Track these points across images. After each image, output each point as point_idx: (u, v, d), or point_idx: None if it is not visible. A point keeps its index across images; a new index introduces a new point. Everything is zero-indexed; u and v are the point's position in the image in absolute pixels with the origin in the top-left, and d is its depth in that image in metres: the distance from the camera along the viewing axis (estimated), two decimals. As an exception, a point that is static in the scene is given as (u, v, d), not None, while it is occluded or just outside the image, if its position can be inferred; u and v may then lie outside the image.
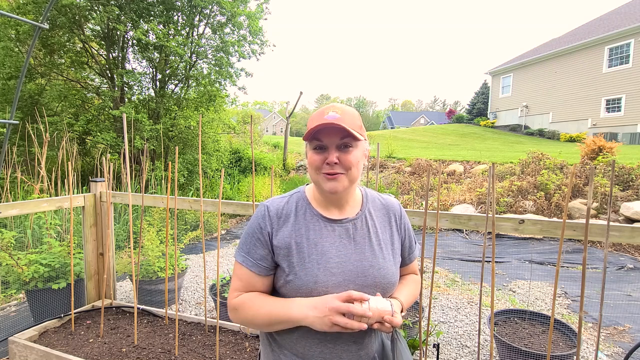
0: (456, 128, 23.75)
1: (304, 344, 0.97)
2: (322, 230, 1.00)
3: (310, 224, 1.01)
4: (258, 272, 0.99)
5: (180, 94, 8.96)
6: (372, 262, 1.00)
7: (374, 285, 0.98)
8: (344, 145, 0.96)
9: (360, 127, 0.99)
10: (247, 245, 1.01)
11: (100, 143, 7.65)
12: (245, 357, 2.28)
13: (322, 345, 0.97)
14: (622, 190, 6.83)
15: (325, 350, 0.97)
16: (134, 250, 3.67)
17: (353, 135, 0.94)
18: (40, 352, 2.23)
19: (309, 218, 1.02)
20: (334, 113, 0.95)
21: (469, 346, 3.00)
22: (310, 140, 0.98)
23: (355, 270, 0.98)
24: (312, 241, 0.98)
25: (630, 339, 3.19)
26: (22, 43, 7.27)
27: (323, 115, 0.96)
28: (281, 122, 59.55)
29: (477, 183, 8.60)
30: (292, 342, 0.99)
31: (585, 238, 1.56)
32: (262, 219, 1.00)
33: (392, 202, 1.14)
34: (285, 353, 1.00)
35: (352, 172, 0.97)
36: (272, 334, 1.03)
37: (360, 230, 1.03)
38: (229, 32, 8.87)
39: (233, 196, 9.63)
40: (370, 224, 1.05)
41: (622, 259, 5.31)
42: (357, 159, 0.98)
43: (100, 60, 8.43)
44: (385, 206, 1.12)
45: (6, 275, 3.17)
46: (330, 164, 0.95)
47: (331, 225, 1.01)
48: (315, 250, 0.97)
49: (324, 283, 0.94)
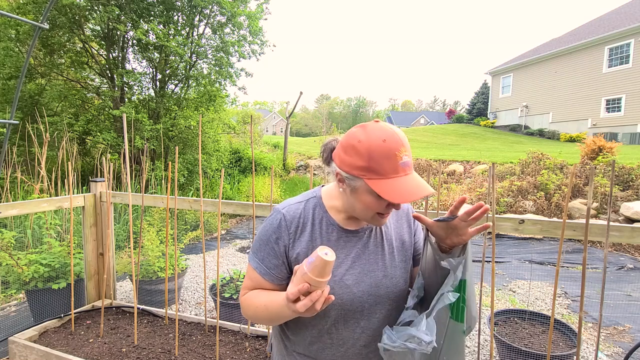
0: (456, 128, 23.75)
1: (316, 347, 0.99)
2: (339, 241, 0.98)
3: (325, 233, 0.98)
4: (270, 281, 0.98)
5: (180, 94, 8.96)
6: (385, 272, 1.00)
7: (386, 296, 0.99)
8: None
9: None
10: (262, 252, 0.98)
11: (100, 143, 7.65)
12: (245, 357, 2.28)
13: (334, 348, 0.98)
14: (622, 190, 6.83)
15: (337, 353, 0.98)
16: (134, 250, 3.67)
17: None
18: (40, 352, 2.23)
19: (325, 227, 0.99)
20: (407, 158, 0.85)
21: (469, 346, 3.00)
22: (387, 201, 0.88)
23: (369, 281, 0.97)
24: None
25: (630, 339, 3.19)
26: (22, 43, 7.28)
27: (397, 160, 0.84)
28: (281, 122, 59.54)
29: (477, 183, 8.60)
30: (304, 345, 1.00)
31: (585, 238, 1.56)
32: (278, 229, 0.97)
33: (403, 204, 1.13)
34: (298, 352, 1.02)
35: None
36: (286, 336, 1.04)
37: (374, 239, 1.02)
38: (229, 32, 8.88)
39: (233, 196, 9.63)
40: (384, 231, 1.04)
41: (622, 259, 5.31)
42: None
43: (100, 60, 8.43)
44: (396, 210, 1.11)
45: (6, 275, 3.17)
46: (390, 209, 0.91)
47: (347, 236, 0.99)
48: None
49: (339, 295, 0.94)
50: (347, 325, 0.98)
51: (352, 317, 0.97)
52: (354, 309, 0.96)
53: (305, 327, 1.00)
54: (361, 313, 0.97)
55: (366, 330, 0.99)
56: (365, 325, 0.98)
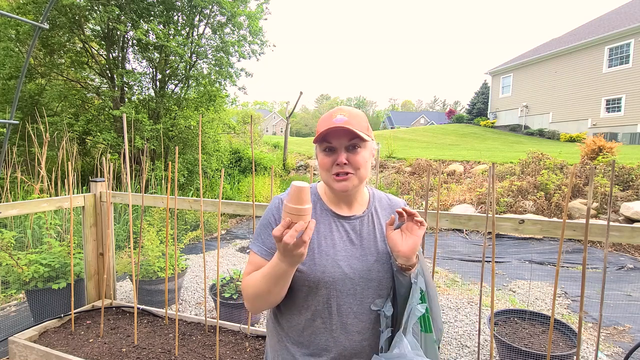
0: (456, 128, 23.74)
1: (309, 332, 1.03)
2: (332, 225, 1.06)
3: (320, 217, 1.07)
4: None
5: (180, 94, 8.96)
6: (377, 257, 1.05)
7: (377, 280, 1.03)
8: (352, 146, 1.01)
9: (367, 129, 1.04)
10: (262, 235, 1.06)
11: (100, 143, 7.65)
12: (245, 357, 2.28)
13: (327, 333, 1.01)
14: (622, 190, 6.83)
15: (330, 338, 1.01)
16: (134, 250, 3.67)
17: (360, 137, 0.98)
18: (40, 352, 2.23)
19: (319, 212, 1.07)
20: (341, 116, 1.00)
21: (469, 346, 3.00)
22: (320, 142, 1.03)
23: (360, 265, 1.03)
24: (321, 234, 1.04)
25: (630, 339, 3.19)
26: (22, 43, 7.27)
27: (331, 118, 1.01)
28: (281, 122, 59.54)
29: (477, 183, 8.60)
30: (298, 331, 1.04)
31: (585, 238, 1.56)
32: (277, 210, 1.07)
33: (398, 201, 1.19)
34: (291, 342, 1.05)
35: (360, 172, 1.02)
36: (279, 324, 1.08)
37: (367, 227, 1.08)
38: (229, 32, 8.87)
39: (233, 196, 9.63)
40: (376, 222, 1.10)
41: (622, 259, 5.31)
42: (365, 159, 1.02)
43: (100, 60, 8.43)
44: (391, 205, 1.17)
45: (6, 275, 3.17)
46: (340, 165, 1.00)
47: (340, 221, 1.07)
48: (325, 242, 1.03)
49: (331, 274, 1.00)
50: (340, 309, 1.01)
51: (344, 301, 1.01)
52: (346, 290, 1.01)
53: (298, 311, 1.03)
54: (354, 297, 1.01)
55: (359, 316, 1.02)
56: (357, 310, 1.01)
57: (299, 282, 1.01)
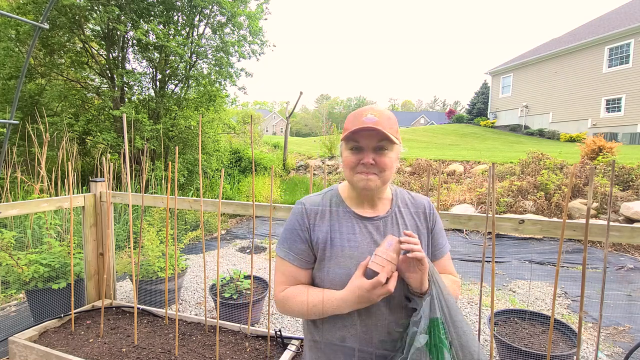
0: (456, 128, 23.74)
1: (343, 333, 1.03)
2: (355, 227, 1.06)
3: (343, 220, 1.07)
4: (300, 266, 1.06)
5: (180, 94, 8.96)
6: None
7: (401, 280, 1.03)
8: (380, 147, 1.00)
9: (396, 131, 1.02)
10: (289, 241, 1.08)
11: (100, 143, 7.65)
12: (245, 357, 2.28)
13: (360, 331, 1.02)
14: (622, 190, 6.83)
15: (364, 336, 1.02)
16: (134, 250, 3.67)
17: (390, 139, 0.98)
18: (40, 352, 2.23)
19: (342, 215, 1.08)
20: (372, 116, 0.99)
21: (469, 346, 3.00)
22: (348, 140, 1.02)
23: None
24: (345, 237, 1.04)
25: (630, 339, 3.19)
26: (22, 43, 7.27)
27: (361, 117, 1.00)
28: (281, 122, 59.51)
29: (477, 183, 8.60)
30: (334, 331, 1.05)
31: (585, 238, 1.55)
32: (301, 216, 1.08)
33: (422, 199, 1.18)
34: (327, 344, 1.06)
35: (385, 174, 1.02)
36: (316, 327, 1.09)
37: (391, 227, 1.08)
38: (229, 32, 8.87)
39: (233, 196, 9.63)
40: (400, 222, 1.10)
41: (622, 259, 5.31)
42: (392, 161, 1.02)
43: (100, 60, 8.43)
44: (414, 204, 1.16)
45: (6, 275, 3.17)
46: (366, 165, 1.00)
47: (363, 222, 1.07)
48: (349, 245, 1.04)
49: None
50: (369, 310, 1.01)
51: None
52: None
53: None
54: None
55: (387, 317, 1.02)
56: (384, 310, 1.01)
57: (324, 284, 1.03)
